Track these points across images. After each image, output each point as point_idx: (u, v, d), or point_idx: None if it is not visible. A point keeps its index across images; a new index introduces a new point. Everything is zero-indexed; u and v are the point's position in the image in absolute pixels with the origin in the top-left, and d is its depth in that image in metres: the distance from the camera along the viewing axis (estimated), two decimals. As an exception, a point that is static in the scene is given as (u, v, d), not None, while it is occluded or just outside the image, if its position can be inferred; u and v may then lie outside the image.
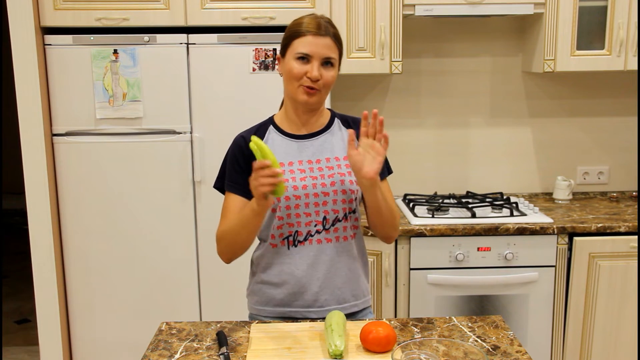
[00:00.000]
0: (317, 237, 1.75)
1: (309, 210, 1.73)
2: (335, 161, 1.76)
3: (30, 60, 2.60)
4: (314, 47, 1.66)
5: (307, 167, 1.75)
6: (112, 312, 2.81)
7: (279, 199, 1.72)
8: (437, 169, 3.21)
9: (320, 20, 1.69)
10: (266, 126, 1.81)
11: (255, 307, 1.84)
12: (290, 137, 1.78)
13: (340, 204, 1.74)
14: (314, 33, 1.66)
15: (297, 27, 1.69)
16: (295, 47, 1.67)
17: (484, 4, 2.74)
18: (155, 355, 1.54)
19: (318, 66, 1.66)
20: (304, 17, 1.71)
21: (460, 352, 1.43)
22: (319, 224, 1.74)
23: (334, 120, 1.82)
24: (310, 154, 1.76)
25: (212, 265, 2.80)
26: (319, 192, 1.73)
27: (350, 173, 1.74)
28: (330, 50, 1.68)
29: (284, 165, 1.74)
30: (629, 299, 2.69)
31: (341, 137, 1.80)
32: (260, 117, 2.67)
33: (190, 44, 2.65)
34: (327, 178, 1.74)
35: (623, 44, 2.81)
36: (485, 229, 2.62)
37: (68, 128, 2.69)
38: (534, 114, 3.20)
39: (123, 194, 2.73)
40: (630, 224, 2.66)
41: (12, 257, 5.32)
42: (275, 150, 1.74)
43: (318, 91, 1.69)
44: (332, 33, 1.69)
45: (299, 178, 1.73)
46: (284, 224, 1.74)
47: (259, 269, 1.82)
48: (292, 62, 1.68)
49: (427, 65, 3.13)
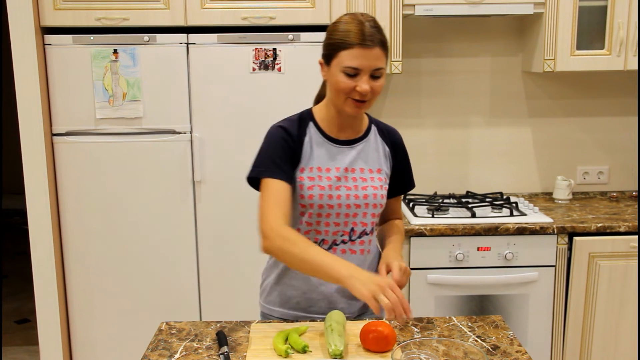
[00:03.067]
0: (341, 247, 1.72)
1: (339, 221, 1.70)
2: (369, 173, 1.72)
3: (30, 60, 2.60)
4: (362, 60, 1.56)
5: (342, 175, 1.69)
6: (112, 312, 2.81)
7: (311, 205, 1.67)
8: (437, 168, 3.21)
9: (366, 26, 1.57)
10: (306, 121, 1.72)
11: (268, 307, 1.81)
12: (331, 140, 1.71)
13: (370, 218, 1.72)
14: (363, 45, 1.55)
15: (343, 37, 1.57)
16: (342, 60, 1.57)
17: (484, 4, 2.74)
18: (155, 355, 1.54)
19: (367, 79, 1.58)
20: (349, 24, 1.58)
21: (460, 352, 1.43)
22: (345, 234, 1.71)
23: (371, 128, 1.77)
24: (347, 161, 1.71)
25: (212, 265, 2.80)
26: (351, 203, 1.69)
27: (382, 187, 1.72)
28: (379, 60, 1.58)
29: (320, 170, 1.69)
30: (629, 299, 2.69)
31: (376, 148, 1.75)
32: (260, 117, 2.68)
33: (190, 44, 2.65)
34: (360, 190, 1.70)
35: (623, 44, 2.81)
36: (485, 228, 2.62)
37: (68, 128, 2.69)
38: (533, 114, 3.20)
39: (123, 193, 2.73)
40: (630, 224, 2.66)
41: (12, 257, 5.32)
42: (315, 152, 1.69)
43: (367, 102, 1.62)
44: (379, 41, 1.57)
45: (335, 187, 1.68)
46: (312, 231, 1.71)
47: (278, 268, 1.78)
48: (339, 75, 1.59)
49: (427, 65, 3.13)
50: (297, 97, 2.66)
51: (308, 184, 1.67)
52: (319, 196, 1.67)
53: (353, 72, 1.57)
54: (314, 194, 1.67)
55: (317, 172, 1.69)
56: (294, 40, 2.65)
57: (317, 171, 1.69)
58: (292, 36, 2.65)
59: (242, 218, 2.76)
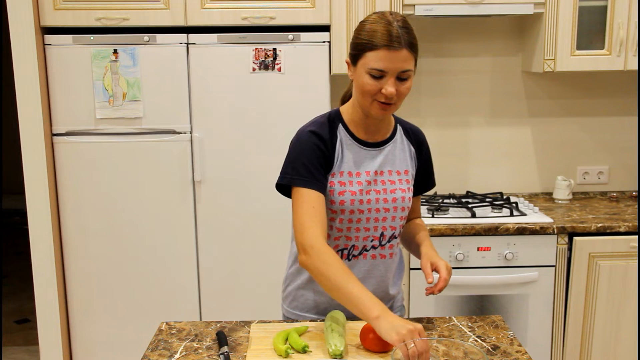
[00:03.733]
0: (372, 252, 1.70)
1: (369, 225, 1.68)
2: (397, 175, 1.70)
3: (30, 60, 2.60)
4: (389, 62, 1.51)
5: (372, 179, 1.67)
6: (112, 312, 2.81)
7: (342, 211, 1.65)
8: (437, 168, 3.16)
9: (394, 26, 1.52)
10: (335, 124, 1.68)
11: (294, 312, 1.78)
12: (360, 143, 1.67)
13: (399, 221, 1.71)
14: (389, 47, 1.50)
15: (370, 38, 1.53)
16: (368, 62, 1.53)
17: (484, 4, 2.74)
18: (155, 355, 1.53)
19: (394, 82, 1.53)
20: (376, 24, 1.54)
21: (460, 352, 1.43)
22: (375, 239, 1.69)
23: (397, 128, 1.74)
24: (376, 165, 1.68)
25: (212, 265, 2.80)
26: (381, 207, 1.67)
27: (409, 189, 1.71)
28: (406, 62, 1.53)
29: (351, 175, 1.66)
30: (629, 299, 2.69)
31: (402, 149, 1.73)
32: (260, 117, 2.69)
33: (190, 44, 2.65)
34: (389, 193, 1.68)
35: (623, 44, 2.81)
36: (485, 228, 2.62)
37: (68, 128, 2.69)
38: (534, 113, 3.20)
39: (123, 193, 2.73)
40: (630, 224, 2.66)
41: (12, 257, 5.32)
42: (345, 156, 1.65)
43: (393, 105, 1.58)
44: (407, 42, 1.52)
45: (365, 191, 1.66)
46: (342, 237, 1.69)
47: (305, 274, 1.73)
48: (365, 76, 1.54)
49: (427, 65, 3.13)
50: (297, 97, 2.66)
51: (339, 189, 1.64)
52: (350, 201, 1.64)
53: (379, 74, 1.53)
54: (345, 199, 1.64)
55: (347, 177, 1.66)
56: (294, 40, 2.65)
57: (347, 176, 1.66)
58: (292, 36, 2.65)
59: (242, 218, 2.76)
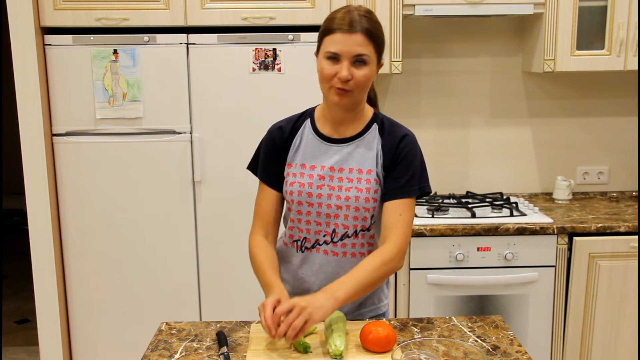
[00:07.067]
0: (324, 247, 1.71)
1: (320, 220, 1.68)
2: (357, 174, 1.66)
3: (30, 60, 2.60)
4: (342, 45, 1.54)
5: (327, 174, 1.66)
6: (112, 312, 2.81)
7: (292, 202, 1.69)
8: (437, 169, 3.20)
9: (354, 14, 1.56)
10: (304, 118, 1.73)
11: None
12: (322, 138, 1.69)
13: (352, 221, 1.67)
14: (344, 30, 1.54)
15: (328, 23, 1.58)
16: (325, 46, 1.58)
17: (484, 4, 2.74)
18: (155, 355, 1.54)
19: (348, 66, 1.55)
20: (338, 11, 1.60)
21: (460, 352, 1.43)
22: (327, 235, 1.69)
23: (371, 127, 1.71)
24: (335, 161, 1.67)
25: (212, 265, 2.80)
26: (333, 204, 1.66)
27: (368, 190, 1.64)
28: (361, 47, 1.55)
29: (304, 167, 1.68)
30: (629, 299, 2.69)
31: (369, 148, 1.68)
32: (260, 117, 2.68)
33: (190, 44, 2.65)
34: (343, 191, 1.65)
35: (623, 44, 2.81)
36: (485, 229, 2.62)
37: (68, 128, 2.69)
38: (533, 114, 3.20)
39: (123, 194, 2.73)
40: (630, 224, 2.66)
41: (12, 257, 5.32)
42: (302, 149, 1.70)
43: (350, 92, 1.58)
44: (364, 29, 1.55)
45: (316, 185, 1.66)
46: (295, 227, 1.72)
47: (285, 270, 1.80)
48: (322, 61, 1.59)
49: (427, 65, 3.13)
50: (297, 97, 2.66)
51: (290, 180, 1.69)
52: (298, 193, 1.67)
53: (333, 56, 1.56)
54: (293, 190, 1.68)
55: (300, 169, 1.68)
56: (294, 40, 2.65)
57: (300, 168, 1.68)
58: (292, 36, 2.65)
59: (242, 218, 2.76)
